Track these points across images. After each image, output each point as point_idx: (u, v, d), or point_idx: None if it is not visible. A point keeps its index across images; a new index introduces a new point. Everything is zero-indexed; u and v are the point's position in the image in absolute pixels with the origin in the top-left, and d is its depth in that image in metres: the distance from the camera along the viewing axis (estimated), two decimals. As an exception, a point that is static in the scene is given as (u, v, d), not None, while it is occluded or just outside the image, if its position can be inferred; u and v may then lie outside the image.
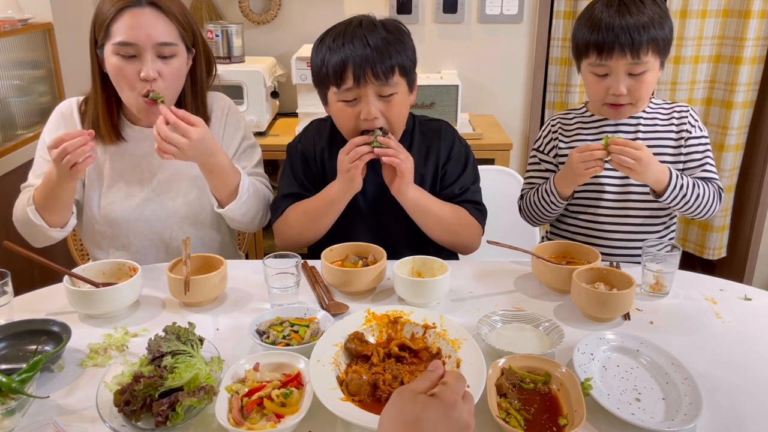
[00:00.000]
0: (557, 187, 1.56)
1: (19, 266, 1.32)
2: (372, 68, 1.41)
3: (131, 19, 1.41)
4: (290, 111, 2.92)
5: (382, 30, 1.45)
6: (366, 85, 1.42)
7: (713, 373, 1.10)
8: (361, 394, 0.99)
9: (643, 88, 1.50)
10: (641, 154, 1.40)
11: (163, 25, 1.43)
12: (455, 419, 0.74)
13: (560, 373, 1.03)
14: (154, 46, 1.42)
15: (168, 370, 0.97)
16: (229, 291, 1.38)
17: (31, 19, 2.30)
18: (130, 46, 1.41)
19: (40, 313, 1.28)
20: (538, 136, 1.72)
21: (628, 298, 1.23)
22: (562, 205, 1.60)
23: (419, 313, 1.17)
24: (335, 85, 1.45)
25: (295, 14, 2.90)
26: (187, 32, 1.49)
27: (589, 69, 1.52)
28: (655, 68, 1.49)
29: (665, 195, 1.48)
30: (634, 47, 1.43)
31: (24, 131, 2.23)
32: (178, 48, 1.46)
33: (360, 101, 1.45)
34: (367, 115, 1.44)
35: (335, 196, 1.49)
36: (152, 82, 1.43)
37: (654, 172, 1.45)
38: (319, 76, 1.50)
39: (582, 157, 1.45)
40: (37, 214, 1.43)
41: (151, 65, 1.42)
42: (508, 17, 2.87)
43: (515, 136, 3.01)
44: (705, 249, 3.09)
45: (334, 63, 1.43)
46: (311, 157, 1.61)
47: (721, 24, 2.81)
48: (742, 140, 2.94)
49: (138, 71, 1.42)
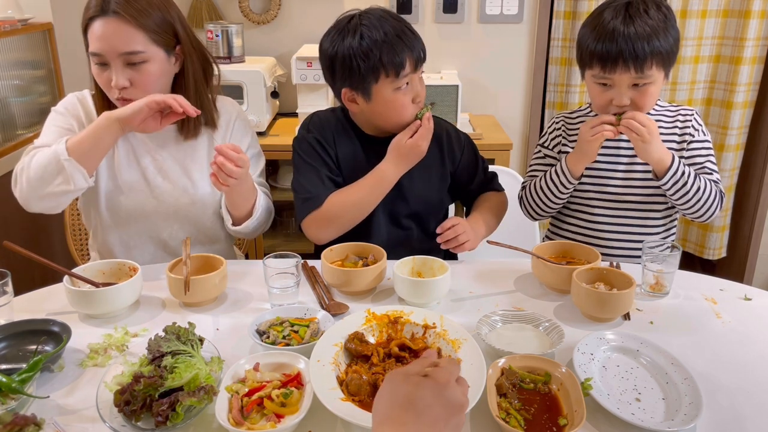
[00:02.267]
0: (569, 165, 1.56)
1: (19, 266, 1.32)
2: (423, 53, 1.48)
3: (98, 28, 1.41)
4: (290, 111, 2.91)
5: (404, 22, 1.48)
6: (417, 70, 1.48)
7: (713, 373, 1.10)
8: (361, 394, 0.99)
9: (647, 100, 1.49)
10: (651, 123, 1.43)
11: (129, 34, 1.41)
12: (448, 398, 0.72)
13: (560, 373, 1.03)
14: (120, 56, 1.41)
15: (168, 370, 0.97)
16: (229, 291, 1.38)
17: (31, 19, 2.30)
18: (99, 56, 1.42)
19: (40, 313, 1.28)
20: (543, 133, 1.74)
21: (628, 298, 1.23)
22: (570, 187, 1.58)
23: (419, 313, 1.17)
24: (394, 74, 1.44)
25: (295, 14, 2.90)
26: (162, 35, 1.46)
27: (593, 80, 1.52)
28: (659, 80, 1.49)
29: (666, 177, 1.48)
30: (638, 62, 1.42)
31: (24, 131, 2.23)
32: (148, 54, 1.44)
33: (411, 86, 1.49)
34: (420, 97, 1.50)
35: (388, 176, 1.51)
36: (122, 90, 1.43)
37: (659, 148, 1.47)
38: (356, 72, 1.44)
39: (590, 123, 1.47)
40: (69, 157, 1.37)
41: (121, 74, 1.42)
42: (508, 17, 2.86)
43: (515, 136, 3.01)
44: (705, 249, 3.09)
45: (388, 53, 1.42)
46: (329, 144, 1.58)
47: (721, 24, 2.81)
48: (742, 140, 2.94)
49: (110, 79, 1.43)
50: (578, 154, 1.55)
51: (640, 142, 1.45)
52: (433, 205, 1.66)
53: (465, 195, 1.72)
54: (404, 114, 1.51)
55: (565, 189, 1.59)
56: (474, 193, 1.70)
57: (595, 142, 1.49)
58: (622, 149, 1.61)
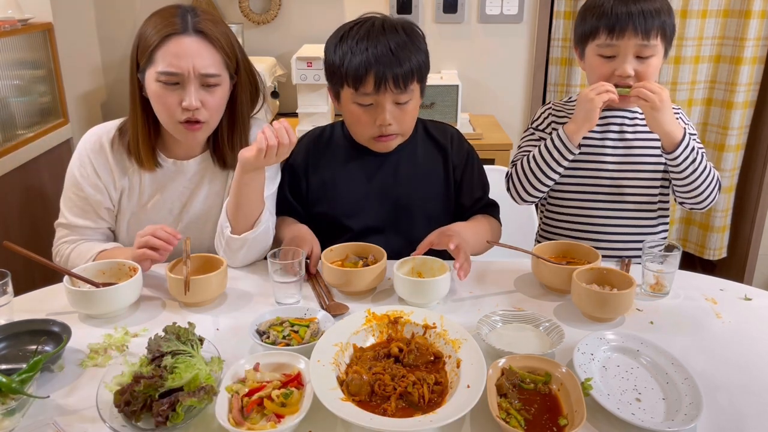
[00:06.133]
0: (567, 131, 1.51)
1: (19, 266, 1.32)
2: (393, 77, 1.42)
3: (176, 47, 1.36)
4: (290, 111, 2.91)
5: (402, 34, 1.46)
6: (385, 92, 1.44)
7: (713, 373, 1.10)
8: (361, 394, 0.98)
9: (649, 72, 1.49)
10: (662, 90, 1.43)
11: (209, 55, 1.39)
12: None
13: (560, 373, 1.03)
14: (199, 77, 1.38)
15: (168, 370, 0.96)
16: (229, 291, 1.38)
17: (31, 19, 2.29)
18: (174, 75, 1.37)
19: (40, 313, 1.28)
20: (536, 116, 1.70)
21: (628, 298, 1.23)
22: (570, 158, 1.52)
23: (419, 313, 1.17)
24: (353, 87, 1.45)
25: (295, 14, 2.90)
26: (231, 60, 1.44)
27: (597, 51, 1.51)
28: (660, 54, 1.50)
29: (678, 150, 1.46)
30: (646, 28, 1.45)
31: (24, 131, 2.23)
32: (222, 78, 1.42)
33: (376, 107, 1.47)
34: (383, 122, 1.47)
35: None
36: (194, 111, 1.39)
37: (671, 119, 1.45)
38: (335, 74, 1.49)
39: (591, 87, 1.47)
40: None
41: (195, 95, 1.38)
42: (508, 17, 2.86)
43: (515, 136, 3.00)
44: (705, 249, 3.09)
45: (356, 65, 1.42)
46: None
47: (721, 24, 2.82)
48: (742, 140, 2.94)
49: (180, 99, 1.38)
50: (579, 119, 1.49)
51: (651, 110, 1.43)
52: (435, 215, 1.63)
53: (458, 208, 1.66)
54: (359, 128, 1.52)
55: (563, 160, 1.53)
56: (467, 208, 1.64)
57: (598, 101, 1.45)
58: (608, 140, 1.60)
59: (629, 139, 1.60)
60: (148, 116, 1.47)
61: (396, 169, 1.60)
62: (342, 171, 1.61)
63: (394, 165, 1.60)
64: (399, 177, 1.60)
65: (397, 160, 1.60)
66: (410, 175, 1.60)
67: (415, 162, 1.61)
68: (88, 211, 1.51)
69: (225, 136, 1.52)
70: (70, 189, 1.52)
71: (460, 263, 1.33)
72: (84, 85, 2.77)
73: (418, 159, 1.62)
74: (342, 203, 1.60)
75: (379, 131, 1.49)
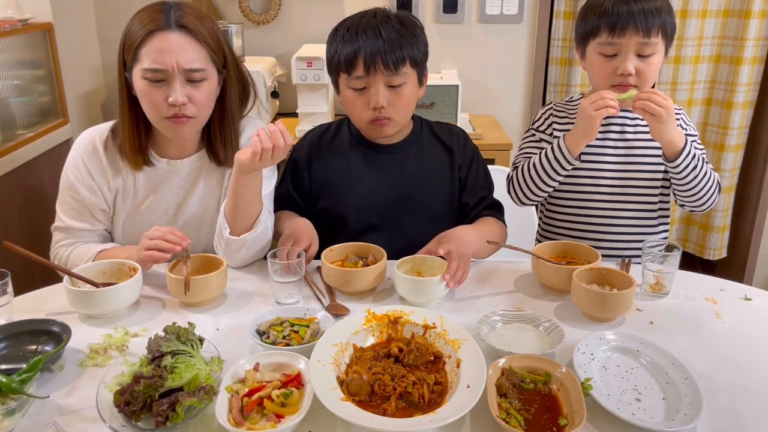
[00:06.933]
0: (568, 144, 1.52)
1: (19, 266, 1.32)
2: (382, 58, 1.44)
3: (160, 43, 1.35)
4: (290, 111, 2.91)
5: (395, 22, 1.47)
6: (375, 74, 1.45)
7: (713, 373, 1.10)
8: (361, 394, 0.99)
9: (650, 70, 1.49)
10: (667, 102, 1.42)
11: (193, 50, 1.38)
12: None
13: (560, 373, 1.03)
14: (183, 72, 1.37)
15: (168, 370, 0.96)
16: (229, 291, 1.38)
17: (31, 19, 2.29)
18: (159, 72, 1.36)
19: (40, 313, 1.28)
20: (537, 117, 1.71)
21: (628, 298, 1.23)
22: (569, 168, 1.53)
23: (419, 313, 1.17)
24: (345, 72, 1.48)
25: (295, 14, 2.90)
26: (217, 54, 1.43)
27: (598, 49, 1.51)
28: (661, 52, 1.50)
29: (680, 158, 1.47)
30: (647, 26, 1.45)
31: (24, 131, 2.23)
32: (208, 72, 1.41)
33: (369, 90, 1.48)
34: (376, 104, 1.47)
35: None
36: (181, 106, 1.38)
37: (674, 129, 1.46)
38: (331, 65, 1.53)
39: (591, 99, 1.46)
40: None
41: (180, 90, 1.37)
42: (508, 17, 2.86)
43: (515, 136, 3.00)
44: (705, 249, 3.09)
45: (346, 53, 1.46)
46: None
47: (721, 24, 2.81)
48: (742, 140, 2.94)
49: (166, 96, 1.37)
50: (578, 132, 1.50)
51: (656, 122, 1.43)
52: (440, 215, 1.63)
53: (462, 207, 1.65)
54: (356, 114, 1.54)
55: (562, 170, 1.54)
56: (471, 207, 1.64)
57: (597, 118, 1.45)
58: (609, 140, 1.60)
59: (630, 140, 1.60)
60: (138, 115, 1.46)
61: (401, 168, 1.60)
62: (346, 167, 1.61)
63: (400, 163, 1.61)
64: (404, 175, 1.60)
65: (403, 158, 1.61)
66: (415, 174, 1.60)
67: (420, 161, 1.62)
68: (84, 214, 1.51)
69: (217, 132, 1.52)
70: (65, 192, 1.52)
71: (451, 271, 1.30)
72: (84, 85, 2.77)
73: (424, 158, 1.62)
74: (344, 199, 1.60)
75: (373, 114, 1.50)
